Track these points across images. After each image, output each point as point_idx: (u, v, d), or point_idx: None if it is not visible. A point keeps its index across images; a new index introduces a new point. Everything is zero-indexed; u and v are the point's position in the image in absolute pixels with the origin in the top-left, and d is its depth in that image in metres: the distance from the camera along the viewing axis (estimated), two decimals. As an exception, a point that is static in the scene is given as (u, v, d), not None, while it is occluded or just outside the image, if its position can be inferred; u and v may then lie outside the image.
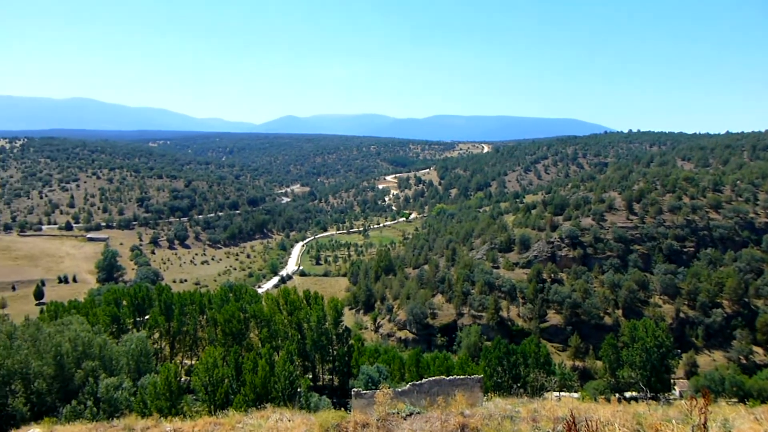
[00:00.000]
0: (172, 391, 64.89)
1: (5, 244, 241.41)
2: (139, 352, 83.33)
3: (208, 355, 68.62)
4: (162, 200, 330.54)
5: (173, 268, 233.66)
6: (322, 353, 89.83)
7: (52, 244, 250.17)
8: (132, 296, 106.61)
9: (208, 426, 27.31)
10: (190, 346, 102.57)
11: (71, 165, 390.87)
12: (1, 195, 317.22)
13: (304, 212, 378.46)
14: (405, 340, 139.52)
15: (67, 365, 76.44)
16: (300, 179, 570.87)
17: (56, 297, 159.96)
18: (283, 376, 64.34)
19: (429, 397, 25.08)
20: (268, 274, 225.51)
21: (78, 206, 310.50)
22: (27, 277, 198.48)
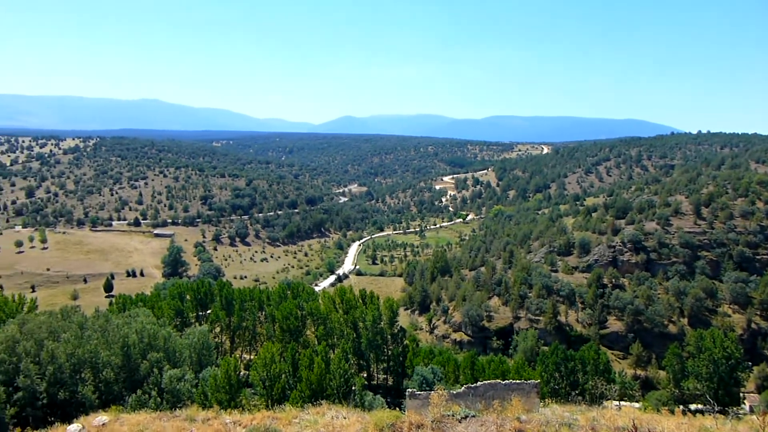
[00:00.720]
0: (232, 384, 66.81)
1: (78, 239, 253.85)
2: (201, 346, 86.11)
3: (266, 351, 70.24)
4: (224, 198, 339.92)
5: (234, 264, 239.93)
6: (377, 352, 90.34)
7: (121, 239, 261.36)
8: (195, 291, 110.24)
9: (266, 420, 27.98)
10: (249, 341, 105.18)
11: (140, 164, 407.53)
12: (75, 192, 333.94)
13: (361, 212, 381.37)
14: (460, 342, 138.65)
15: (133, 356, 79.77)
16: (357, 179, 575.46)
17: (124, 290, 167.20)
18: (338, 373, 65.16)
19: (484, 400, 24.94)
20: (324, 272, 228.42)
21: (146, 203, 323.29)
22: (98, 270, 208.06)
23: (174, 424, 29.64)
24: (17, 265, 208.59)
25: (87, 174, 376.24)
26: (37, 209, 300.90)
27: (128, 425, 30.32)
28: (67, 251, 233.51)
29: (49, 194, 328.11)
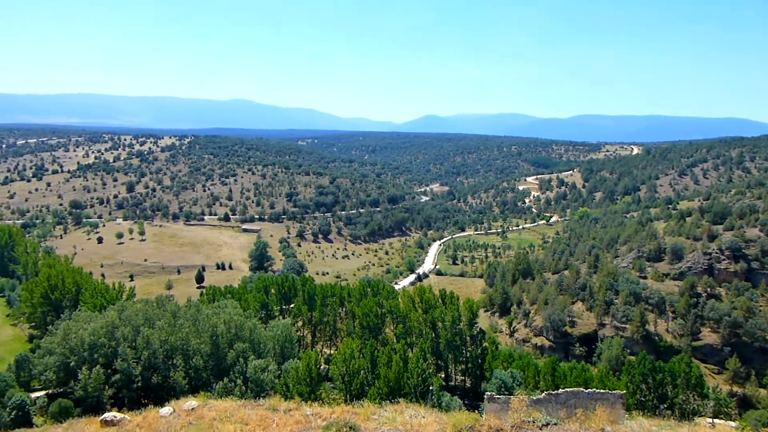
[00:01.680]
0: (312, 377, 68.51)
1: (173, 232, 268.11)
2: (284, 338, 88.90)
3: (346, 347, 71.50)
4: (308, 196, 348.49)
5: (316, 260, 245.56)
6: (456, 353, 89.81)
7: (212, 233, 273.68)
8: (279, 285, 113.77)
9: (345, 414, 28.51)
10: (330, 336, 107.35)
11: (230, 161, 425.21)
12: (171, 187, 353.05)
13: (442, 211, 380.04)
14: (541, 347, 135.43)
15: (221, 345, 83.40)
16: (439, 178, 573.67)
17: (214, 282, 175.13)
18: (416, 372, 65.33)
19: (566, 408, 24.31)
20: (405, 271, 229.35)
21: (235, 199, 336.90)
22: (190, 262, 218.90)
23: (258, 413, 30.78)
24: (118, 255, 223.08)
25: (182, 171, 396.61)
26: (136, 203, 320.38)
27: (215, 411, 31.76)
28: (162, 243, 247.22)
29: (147, 189, 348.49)
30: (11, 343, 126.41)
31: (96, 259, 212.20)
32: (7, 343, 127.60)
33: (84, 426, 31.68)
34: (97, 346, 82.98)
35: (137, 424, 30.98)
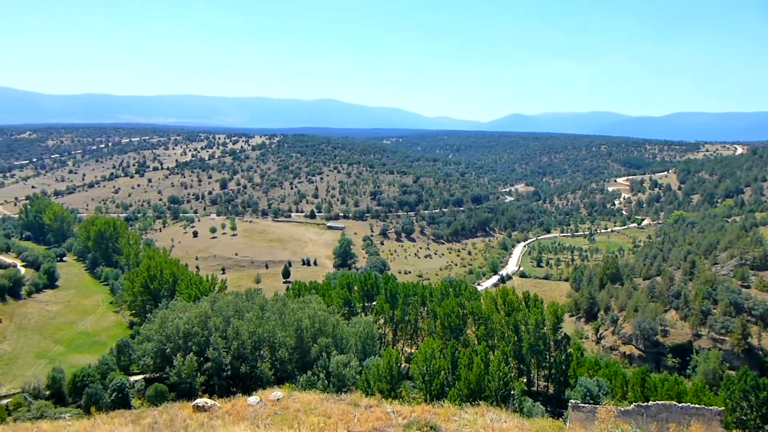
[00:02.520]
0: (393, 375, 69.02)
1: (262, 228, 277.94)
2: (365, 335, 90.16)
3: (426, 346, 71.53)
4: (392, 194, 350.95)
5: (399, 259, 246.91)
6: (539, 358, 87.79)
7: (298, 229, 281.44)
8: (362, 283, 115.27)
9: (425, 414, 28.55)
10: (411, 335, 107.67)
11: (317, 160, 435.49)
12: (261, 184, 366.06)
13: (527, 212, 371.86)
14: (629, 356, 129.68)
15: (305, 339, 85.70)
16: (524, 178, 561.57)
17: (299, 277, 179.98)
18: (497, 376, 64.42)
19: (657, 422, 23.21)
20: (487, 272, 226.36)
21: (321, 197, 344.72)
22: (278, 257, 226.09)
23: (339, 407, 31.38)
24: (211, 249, 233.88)
25: (271, 168, 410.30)
26: (228, 200, 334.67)
27: (300, 403, 32.68)
28: (252, 239, 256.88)
29: (239, 186, 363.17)
30: (113, 329, 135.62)
31: (191, 252, 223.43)
32: (109, 328, 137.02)
33: (178, 410, 33.44)
34: (190, 335, 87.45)
35: (226, 411, 32.39)
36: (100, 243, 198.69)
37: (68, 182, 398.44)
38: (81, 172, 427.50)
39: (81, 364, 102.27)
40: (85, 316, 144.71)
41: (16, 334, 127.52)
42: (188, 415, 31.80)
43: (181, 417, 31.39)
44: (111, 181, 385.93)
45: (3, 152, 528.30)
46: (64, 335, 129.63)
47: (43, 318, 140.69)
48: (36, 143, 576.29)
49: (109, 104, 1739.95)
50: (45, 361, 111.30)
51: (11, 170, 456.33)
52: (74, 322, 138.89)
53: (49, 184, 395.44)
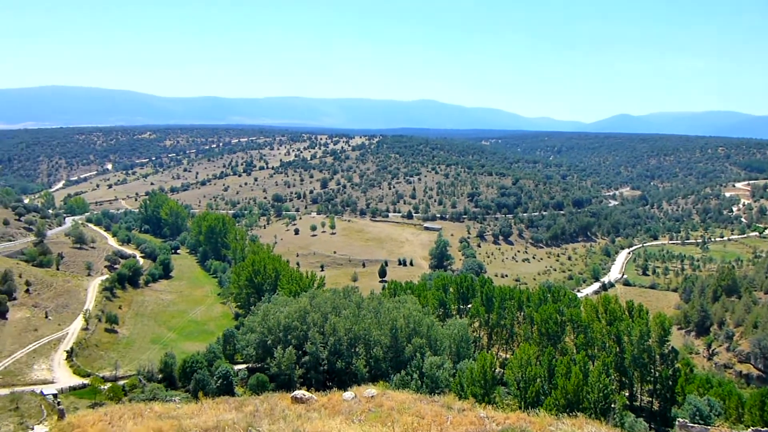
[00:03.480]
0: (487, 380, 68.22)
1: (360, 227, 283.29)
2: (460, 338, 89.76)
3: (522, 352, 70.08)
4: (490, 196, 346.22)
5: (495, 262, 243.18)
6: (642, 372, 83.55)
7: (395, 229, 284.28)
8: (458, 285, 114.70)
9: (520, 421, 28.07)
10: (506, 340, 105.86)
11: (415, 160, 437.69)
12: (360, 184, 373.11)
13: (632, 217, 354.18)
14: (746, 376, 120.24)
15: (400, 338, 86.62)
16: (630, 182, 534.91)
17: (395, 277, 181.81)
18: (596, 387, 62.03)
19: (774, 448, 21.52)
20: (588, 278, 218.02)
21: (418, 198, 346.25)
22: (374, 257, 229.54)
23: (432, 409, 31.51)
24: (311, 246, 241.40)
25: (370, 169, 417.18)
26: (328, 198, 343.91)
27: (393, 401, 33.12)
28: (350, 237, 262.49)
29: (338, 186, 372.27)
30: (220, 319, 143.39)
31: (292, 249, 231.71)
32: (217, 318, 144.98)
33: (277, 400, 34.88)
34: (290, 329, 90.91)
35: (323, 404, 33.42)
36: (210, 237, 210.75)
37: (183, 180, 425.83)
38: (194, 171, 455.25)
39: (190, 350, 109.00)
40: (195, 305, 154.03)
41: (134, 320, 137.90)
42: (287, 406, 33.09)
43: (280, 407, 32.71)
44: (221, 179, 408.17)
45: (126, 151, 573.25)
46: (176, 323, 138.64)
47: (158, 306, 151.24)
48: (155, 143, 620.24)
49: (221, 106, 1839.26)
50: (158, 347, 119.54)
51: (133, 168, 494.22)
52: (185, 311, 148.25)
53: (166, 181, 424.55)
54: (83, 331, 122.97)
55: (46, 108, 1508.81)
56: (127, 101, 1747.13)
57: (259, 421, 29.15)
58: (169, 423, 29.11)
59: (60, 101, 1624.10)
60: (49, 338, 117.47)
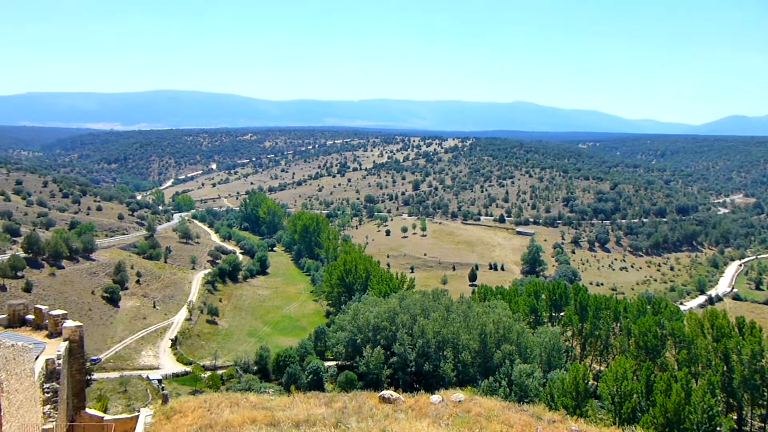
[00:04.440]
0: (579, 392, 65.96)
1: (450, 230, 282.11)
2: (551, 346, 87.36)
3: (618, 365, 67.22)
4: (586, 201, 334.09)
5: (590, 270, 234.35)
6: (753, 394, 77.72)
7: (486, 233, 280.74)
8: (550, 292, 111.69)
9: (614, 438, 27.02)
10: (601, 351, 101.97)
11: (508, 163, 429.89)
12: (452, 187, 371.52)
13: (745, 226, 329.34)
14: None
15: (488, 344, 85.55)
16: (743, 188, 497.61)
17: (485, 281, 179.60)
18: (700, 407, 58.42)
19: None
20: (692, 291, 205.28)
21: (511, 201, 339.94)
22: (464, 260, 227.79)
23: (521, 418, 30.96)
24: (402, 248, 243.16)
25: (462, 171, 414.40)
26: (420, 200, 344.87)
27: (481, 407, 32.84)
28: (441, 240, 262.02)
29: (430, 188, 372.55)
30: (312, 316, 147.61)
31: (383, 250, 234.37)
32: (309, 315, 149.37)
33: (366, 398, 35.51)
34: (379, 329, 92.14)
35: (409, 405, 33.68)
36: (304, 236, 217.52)
37: (280, 180, 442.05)
38: (291, 171, 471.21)
39: (284, 345, 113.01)
40: (289, 302, 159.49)
41: (233, 313, 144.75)
42: (375, 405, 33.62)
43: (368, 405, 33.30)
44: (316, 180, 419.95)
45: (229, 152, 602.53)
46: (271, 317, 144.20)
47: (254, 300, 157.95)
48: (255, 144, 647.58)
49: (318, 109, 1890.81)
50: (254, 340, 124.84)
51: (235, 167, 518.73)
52: (280, 307, 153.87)
53: (264, 180, 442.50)
54: (186, 321, 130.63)
55: (159, 111, 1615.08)
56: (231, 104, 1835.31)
57: (348, 418, 29.85)
58: (263, 413, 30.43)
59: (171, 104, 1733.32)
60: (156, 326, 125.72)
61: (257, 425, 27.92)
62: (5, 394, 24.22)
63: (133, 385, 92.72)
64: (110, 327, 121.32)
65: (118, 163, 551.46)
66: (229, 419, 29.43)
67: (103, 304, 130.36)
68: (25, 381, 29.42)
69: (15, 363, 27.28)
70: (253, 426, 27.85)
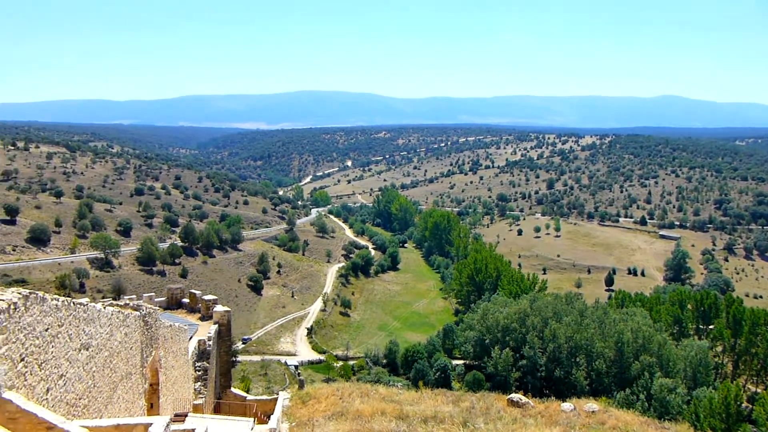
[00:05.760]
0: (730, 413, 60.75)
1: (586, 231, 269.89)
2: (698, 362, 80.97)
3: (777, 387, 60.91)
4: (743, 204, 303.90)
5: (747, 280, 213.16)
6: None
7: (625, 236, 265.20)
8: (698, 302, 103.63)
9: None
10: (758, 372, 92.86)
11: (652, 162, 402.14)
12: (588, 186, 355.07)
13: None
14: None
15: (626, 354, 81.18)
16: None
17: (623, 287, 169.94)
18: None
19: None
20: None
21: (654, 203, 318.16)
22: (600, 263, 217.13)
23: (662, 436, 29.24)
24: (534, 248, 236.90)
25: (600, 170, 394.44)
26: (554, 200, 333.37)
27: (616, 420, 31.45)
28: (575, 241, 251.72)
29: (565, 187, 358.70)
30: (441, 314, 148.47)
31: (514, 250, 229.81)
32: (438, 312, 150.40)
33: (493, 400, 35.30)
34: (509, 330, 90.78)
35: (539, 411, 33.01)
36: (435, 234, 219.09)
37: (412, 177, 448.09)
38: (423, 168, 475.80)
39: (412, 340, 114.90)
40: (419, 298, 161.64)
41: (364, 306, 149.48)
42: (503, 407, 33.34)
43: (496, 408, 33.09)
44: (447, 178, 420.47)
45: (364, 149, 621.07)
46: (401, 313, 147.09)
47: (385, 295, 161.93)
48: (389, 142, 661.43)
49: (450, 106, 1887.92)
50: (384, 333, 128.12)
51: (369, 165, 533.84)
52: (409, 303, 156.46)
53: (397, 178, 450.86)
54: (321, 312, 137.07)
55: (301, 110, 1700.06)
56: (367, 103, 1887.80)
57: (475, 419, 29.94)
58: (391, 406, 31.39)
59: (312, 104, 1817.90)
60: (293, 315, 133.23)
61: (387, 417, 28.87)
62: (163, 369, 27.16)
63: (272, 369, 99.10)
64: (253, 313, 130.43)
65: (263, 160, 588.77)
66: (360, 409, 30.67)
67: (248, 292, 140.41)
68: (180, 359, 32.75)
69: (172, 342, 30.49)
70: (382, 417, 28.83)
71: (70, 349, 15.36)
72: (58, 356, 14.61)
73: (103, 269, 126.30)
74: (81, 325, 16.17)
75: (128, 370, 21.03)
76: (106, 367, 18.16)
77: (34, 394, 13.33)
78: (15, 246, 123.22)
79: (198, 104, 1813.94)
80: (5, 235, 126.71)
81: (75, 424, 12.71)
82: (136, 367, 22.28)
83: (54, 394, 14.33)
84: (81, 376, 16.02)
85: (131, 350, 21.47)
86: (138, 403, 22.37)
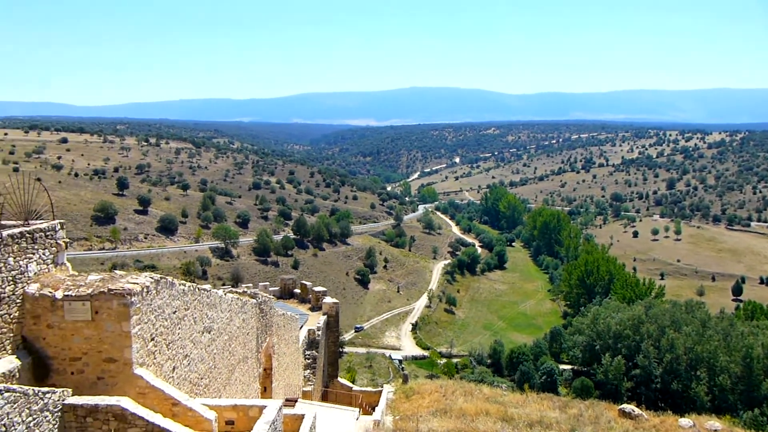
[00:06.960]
0: None
1: (711, 235, 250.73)
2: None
3: None
4: None
5: None
6: None
7: (758, 242, 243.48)
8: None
9: None
10: None
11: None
12: (715, 187, 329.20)
13: None
14: None
15: (755, 370, 74.73)
16: None
17: (754, 297, 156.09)
18: None
19: None
20: None
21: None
22: (727, 270, 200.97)
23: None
24: (651, 252, 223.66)
25: (729, 169, 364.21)
26: (675, 201, 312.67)
27: (742, 441, 29.16)
28: (698, 246, 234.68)
29: (688, 187, 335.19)
30: (548, 316, 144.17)
31: (629, 252, 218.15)
32: (545, 314, 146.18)
33: (603, 409, 33.82)
34: (621, 337, 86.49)
35: (653, 425, 31.24)
36: (544, 233, 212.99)
37: (521, 174, 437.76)
38: (533, 166, 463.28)
39: (517, 341, 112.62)
40: (526, 298, 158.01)
41: (469, 304, 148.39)
42: (613, 418, 31.88)
43: (605, 417, 31.70)
44: (558, 176, 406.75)
45: (472, 146, 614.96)
46: (506, 313, 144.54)
47: (491, 294, 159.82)
48: (498, 138, 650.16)
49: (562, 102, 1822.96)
50: (489, 333, 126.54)
51: (477, 161, 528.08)
52: (515, 303, 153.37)
53: (505, 175, 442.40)
54: (426, 308, 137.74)
55: (409, 107, 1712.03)
56: (476, 99, 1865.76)
57: (583, 427, 28.87)
58: (495, 407, 30.98)
59: (420, 100, 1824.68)
60: (399, 310, 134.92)
61: (491, 418, 28.53)
62: (276, 355, 28.55)
63: (377, 361, 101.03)
64: (360, 306, 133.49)
65: (372, 156, 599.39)
66: (463, 407, 30.53)
67: (355, 285, 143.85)
68: (291, 346, 34.27)
69: (285, 330, 31.97)
70: (486, 418, 28.52)
71: (194, 331, 16.59)
72: (183, 337, 15.82)
73: (223, 258, 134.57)
74: (204, 309, 17.40)
75: (245, 354, 22.35)
76: (225, 350, 19.42)
77: (161, 371, 14.54)
78: (147, 234, 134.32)
79: (311, 102, 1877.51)
80: (138, 224, 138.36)
81: (197, 402, 13.77)
82: (252, 351, 23.61)
83: (179, 373, 15.53)
84: (203, 357, 17.25)
85: (248, 335, 22.79)
86: (253, 386, 23.70)
